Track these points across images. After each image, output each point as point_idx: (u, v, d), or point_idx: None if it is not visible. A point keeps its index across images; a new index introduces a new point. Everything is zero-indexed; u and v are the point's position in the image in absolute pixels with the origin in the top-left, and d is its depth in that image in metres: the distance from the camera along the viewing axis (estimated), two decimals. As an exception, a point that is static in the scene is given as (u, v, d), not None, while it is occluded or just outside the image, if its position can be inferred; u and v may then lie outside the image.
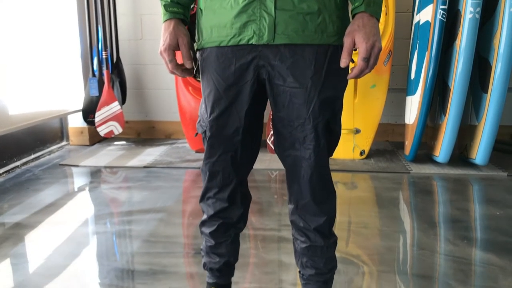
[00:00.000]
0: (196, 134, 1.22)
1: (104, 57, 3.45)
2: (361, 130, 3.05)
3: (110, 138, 3.79)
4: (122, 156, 3.28)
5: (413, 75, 2.96)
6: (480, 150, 2.66)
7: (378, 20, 1.04)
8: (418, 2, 2.94)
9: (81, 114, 3.51)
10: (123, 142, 3.70)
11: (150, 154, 3.31)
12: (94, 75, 3.48)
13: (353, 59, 1.06)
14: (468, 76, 2.58)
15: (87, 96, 3.50)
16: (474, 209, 2.34)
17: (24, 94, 2.95)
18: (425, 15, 2.78)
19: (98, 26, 3.47)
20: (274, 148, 1.21)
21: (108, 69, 3.44)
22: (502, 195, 2.43)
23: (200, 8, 1.12)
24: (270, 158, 3.10)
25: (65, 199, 2.42)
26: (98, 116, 3.44)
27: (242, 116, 1.11)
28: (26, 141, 3.22)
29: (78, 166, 3.05)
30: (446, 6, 2.60)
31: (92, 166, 3.04)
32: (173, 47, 1.09)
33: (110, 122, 3.47)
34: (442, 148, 2.73)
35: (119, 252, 1.83)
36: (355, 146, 3.09)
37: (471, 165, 2.86)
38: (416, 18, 2.97)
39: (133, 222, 2.11)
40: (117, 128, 3.49)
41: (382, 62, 2.94)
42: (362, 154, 3.10)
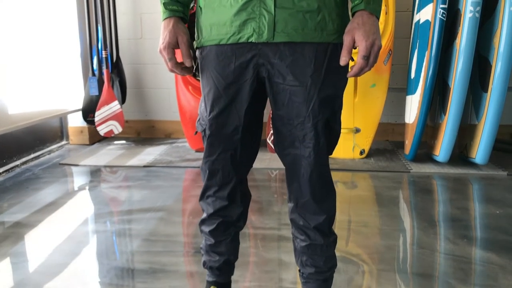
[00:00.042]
0: (195, 132, 1.22)
1: (104, 56, 3.45)
2: (361, 129, 3.05)
3: (110, 138, 3.79)
4: (122, 155, 3.28)
5: (413, 75, 2.96)
6: (480, 149, 2.66)
7: (378, 18, 1.04)
8: (418, 1, 2.93)
9: (81, 113, 3.51)
10: (123, 142, 3.70)
11: (150, 154, 3.30)
12: (94, 74, 3.47)
13: (352, 57, 1.06)
14: (468, 75, 2.58)
15: (87, 95, 3.50)
16: (474, 208, 2.34)
17: (24, 93, 2.95)
18: (425, 14, 2.78)
19: (98, 25, 3.47)
20: (274, 146, 1.21)
21: (108, 68, 3.43)
22: (502, 194, 2.43)
23: (199, 6, 1.12)
24: (270, 157, 3.10)
25: (65, 198, 2.42)
26: (98, 115, 3.44)
27: (242, 114, 1.11)
28: (26, 140, 3.22)
29: (78, 165, 3.05)
30: (446, 5, 2.60)
31: (92, 165, 3.04)
32: (172, 45, 1.09)
33: (110, 122, 3.47)
34: (442, 147, 2.72)
35: (119, 251, 1.83)
36: (355, 145, 3.08)
37: (471, 164, 2.85)
38: (416, 17, 2.97)
39: (133, 221, 2.11)
40: (117, 127, 3.49)
41: (382, 62, 2.93)
42: (362, 153, 3.10)
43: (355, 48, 1.04)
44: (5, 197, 2.43)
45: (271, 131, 3.17)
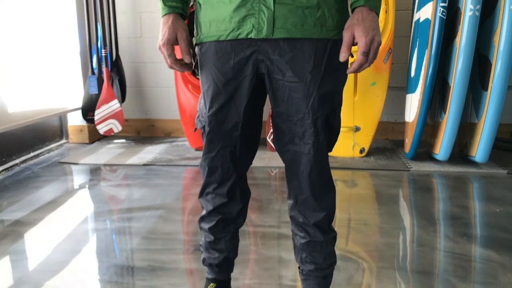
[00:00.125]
0: (195, 129, 1.21)
1: (103, 55, 3.44)
2: (361, 128, 3.05)
3: (109, 136, 3.79)
4: (122, 154, 3.28)
5: (413, 73, 2.96)
6: (480, 148, 2.66)
7: (378, 14, 1.04)
8: (418, 0, 2.93)
9: (80, 112, 3.51)
10: (123, 140, 3.70)
11: (150, 152, 3.30)
12: (93, 73, 3.47)
13: (352, 54, 1.06)
14: (468, 73, 2.57)
15: (87, 94, 3.50)
16: (473, 206, 2.34)
17: (23, 92, 2.94)
18: (425, 13, 2.78)
19: (97, 24, 3.46)
20: (273, 143, 1.20)
21: (107, 67, 3.43)
22: (502, 193, 2.43)
23: (198, 2, 1.11)
24: (270, 156, 3.10)
25: (64, 197, 2.42)
26: (98, 114, 3.43)
27: (241, 111, 1.11)
28: (26, 139, 3.22)
29: (77, 164, 3.05)
30: (446, 4, 2.60)
31: (91, 164, 3.04)
32: (171, 42, 1.09)
33: (110, 120, 3.47)
34: (442, 146, 2.72)
35: (119, 248, 1.83)
36: (355, 144, 3.08)
37: (471, 162, 2.85)
38: (416, 16, 2.97)
39: (132, 219, 2.11)
40: (116, 126, 3.49)
41: (382, 60, 2.93)
42: (362, 152, 3.10)
43: (355, 44, 1.04)
44: (4, 195, 2.43)
45: (271, 130, 3.17)
